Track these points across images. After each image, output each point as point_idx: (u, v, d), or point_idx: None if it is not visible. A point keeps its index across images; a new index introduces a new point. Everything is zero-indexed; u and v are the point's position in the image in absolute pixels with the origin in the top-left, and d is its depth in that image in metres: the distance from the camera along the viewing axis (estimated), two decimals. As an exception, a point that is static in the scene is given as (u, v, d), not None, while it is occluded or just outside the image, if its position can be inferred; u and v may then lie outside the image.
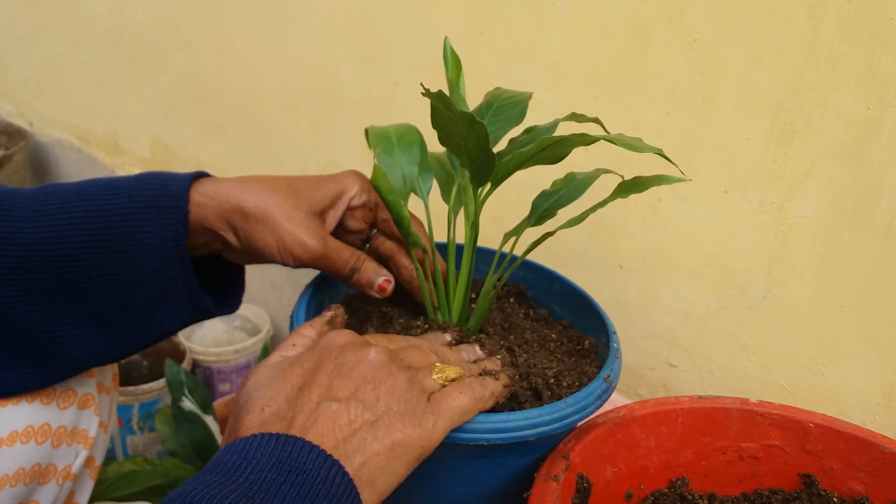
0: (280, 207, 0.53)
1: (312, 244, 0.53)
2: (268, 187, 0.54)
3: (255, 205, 0.52)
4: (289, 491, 0.37)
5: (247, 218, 0.52)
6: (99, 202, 0.51)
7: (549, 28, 0.78)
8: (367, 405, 0.43)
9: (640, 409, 0.56)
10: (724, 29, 0.67)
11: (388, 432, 0.42)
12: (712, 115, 0.69)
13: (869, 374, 0.66)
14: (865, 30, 0.59)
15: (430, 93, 0.45)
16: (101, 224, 0.50)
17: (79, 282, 0.50)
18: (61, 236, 0.50)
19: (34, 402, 0.54)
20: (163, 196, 0.51)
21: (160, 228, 0.50)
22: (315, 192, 0.55)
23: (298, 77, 1.06)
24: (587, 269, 0.82)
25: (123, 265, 0.51)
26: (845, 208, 0.64)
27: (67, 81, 1.47)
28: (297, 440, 0.39)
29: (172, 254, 0.51)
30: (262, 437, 0.39)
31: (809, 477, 0.57)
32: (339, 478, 0.39)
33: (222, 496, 0.35)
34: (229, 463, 0.38)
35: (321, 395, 0.43)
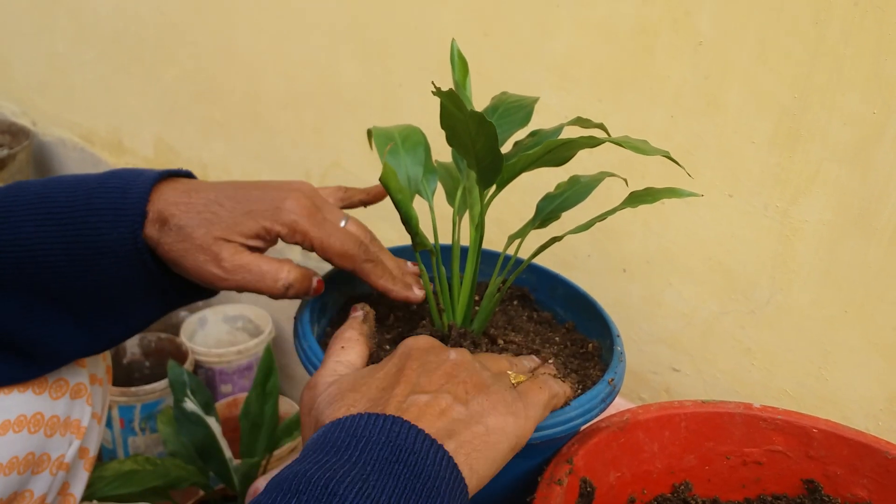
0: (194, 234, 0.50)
1: (215, 272, 0.50)
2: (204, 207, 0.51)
3: (177, 224, 0.50)
4: (402, 471, 0.37)
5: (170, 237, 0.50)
6: (62, 205, 0.49)
7: (554, 30, 0.78)
8: (457, 397, 0.42)
9: (643, 413, 0.56)
10: (730, 32, 0.66)
11: (482, 419, 0.42)
12: (717, 119, 0.69)
13: (872, 380, 0.66)
14: (871, 33, 0.59)
15: (440, 91, 0.45)
16: (62, 228, 0.49)
17: (47, 283, 0.50)
18: (26, 239, 0.49)
19: (26, 391, 0.54)
20: (123, 199, 0.49)
21: (118, 231, 0.49)
22: (240, 221, 0.51)
23: (302, 77, 1.06)
24: (590, 272, 0.82)
25: (86, 269, 0.50)
26: (850, 213, 0.64)
27: (71, 80, 1.47)
28: (404, 421, 0.39)
29: (133, 257, 0.50)
30: (369, 415, 0.39)
31: (813, 482, 0.56)
32: (444, 460, 0.39)
33: (339, 477, 0.35)
34: (339, 441, 0.38)
35: (409, 391, 0.42)
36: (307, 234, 0.52)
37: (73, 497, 0.61)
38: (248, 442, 1.01)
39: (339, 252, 0.53)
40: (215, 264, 0.50)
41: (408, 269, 0.59)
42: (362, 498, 0.35)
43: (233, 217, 0.51)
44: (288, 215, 0.51)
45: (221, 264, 0.50)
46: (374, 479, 0.36)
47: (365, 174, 1.04)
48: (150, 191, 0.50)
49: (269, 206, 0.52)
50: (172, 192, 0.51)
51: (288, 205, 0.52)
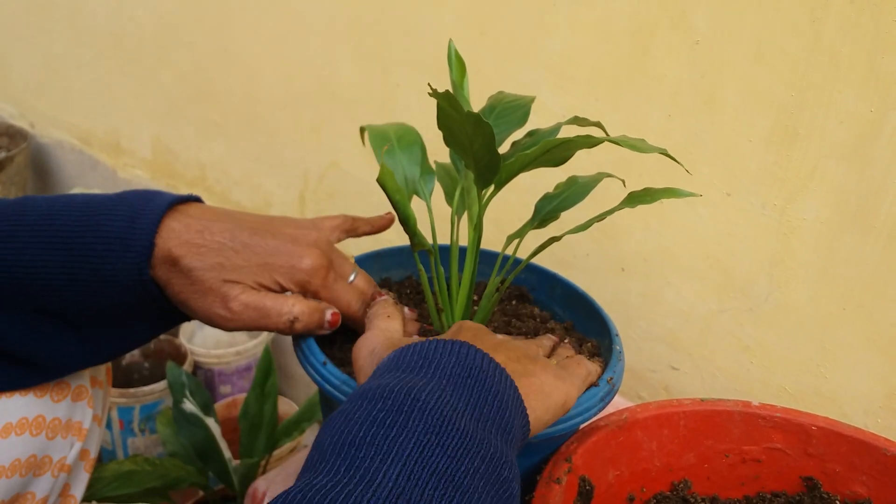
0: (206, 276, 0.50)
1: (223, 314, 0.50)
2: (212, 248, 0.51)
3: (187, 266, 0.50)
4: (474, 385, 0.40)
5: (179, 278, 0.50)
6: (68, 228, 0.49)
7: (551, 29, 0.78)
8: (511, 357, 0.45)
9: (642, 411, 0.56)
10: (726, 30, 0.67)
11: (534, 378, 0.45)
12: (714, 117, 0.69)
13: (871, 377, 0.66)
14: (868, 31, 0.59)
15: (437, 93, 0.45)
16: (67, 252, 0.49)
17: (49, 303, 0.50)
18: (30, 261, 0.48)
19: (28, 394, 0.54)
20: (131, 229, 0.49)
21: (123, 264, 0.48)
22: (253, 272, 0.51)
23: (300, 77, 1.06)
24: (589, 271, 0.82)
25: (89, 293, 0.49)
26: (847, 210, 0.64)
27: (69, 82, 1.47)
28: (472, 346, 0.42)
29: (137, 288, 0.49)
30: (437, 341, 0.42)
31: (812, 480, 0.56)
32: (510, 383, 0.41)
33: (420, 387, 0.38)
34: (412, 362, 0.41)
35: (471, 339, 0.45)
36: (318, 294, 0.54)
37: (74, 498, 0.61)
38: (247, 442, 1.01)
39: (344, 310, 0.55)
40: (222, 306, 0.50)
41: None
42: (441, 404, 0.37)
43: (248, 266, 0.51)
44: (303, 275, 0.52)
45: (228, 305, 0.50)
46: (450, 390, 0.39)
47: (363, 174, 1.04)
48: (158, 222, 0.49)
49: (285, 262, 0.52)
50: (185, 230, 0.50)
51: (304, 264, 0.52)
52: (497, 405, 0.40)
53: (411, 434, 0.36)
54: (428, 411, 0.37)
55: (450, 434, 0.36)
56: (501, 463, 0.37)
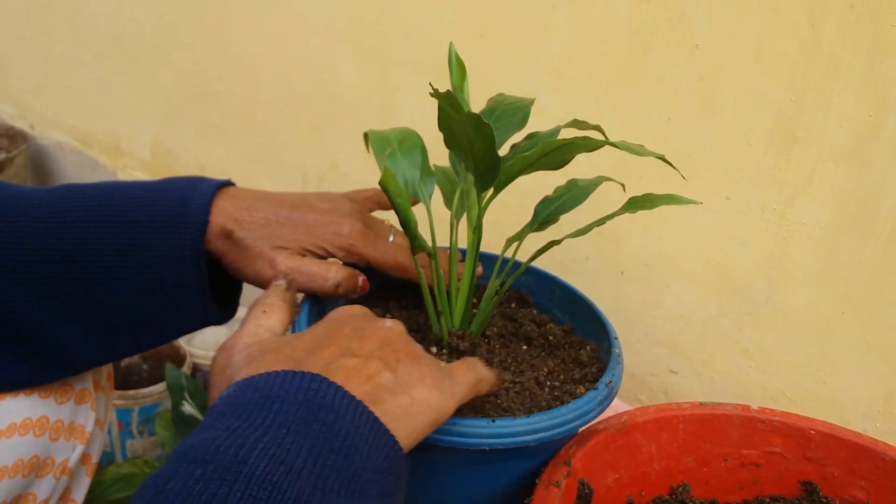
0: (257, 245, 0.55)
1: (271, 275, 0.54)
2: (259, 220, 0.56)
3: (237, 237, 0.55)
4: (320, 430, 0.35)
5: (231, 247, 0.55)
6: (122, 209, 0.52)
7: (550, 31, 0.78)
8: (388, 364, 0.42)
9: (641, 415, 0.56)
10: (726, 33, 0.67)
11: (409, 389, 0.41)
12: (713, 120, 0.69)
13: (870, 381, 0.66)
14: (867, 35, 0.59)
15: (438, 93, 0.45)
16: (122, 230, 0.51)
17: (94, 285, 0.51)
18: (82, 239, 0.51)
19: (32, 395, 0.54)
20: (184, 207, 0.53)
21: (180, 239, 0.52)
22: (298, 238, 0.56)
23: (299, 78, 1.06)
24: (588, 274, 0.82)
25: (140, 272, 0.52)
26: (847, 214, 0.64)
27: (68, 83, 1.47)
28: (322, 378, 0.37)
29: (189, 263, 0.53)
30: (285, 373, 0.37)
31: (811, 484, 0.56)
32: (365, 416, 0.37)
33: (251, 444, 0.33)
34: (251, 402, 0.36)
35: (339, 353, 0.42)
36: (363, 255, 0.58)
37: (75, 502, 0.61)
38: (247, 445, 1.01)
39: (393, 266, 0.59)
40: (270, 268, 0.55)
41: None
42: (275, 465, 0.33)
43: (293, 236, 0.56)
44: (345, 239, 0.57)
45: (276, 267, 0.55)
46: (288, 441, 0.34)
47: (363, 176, 1.04)
48: (210, 202, 0.54)
49: (326, 230, 0.57)
50: (234, 208, 0.55)
51: (345, 230, 0.57)
52: (346, 452, 0.35)
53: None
54: (255, 479, 0.32)
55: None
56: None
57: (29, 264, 0.50)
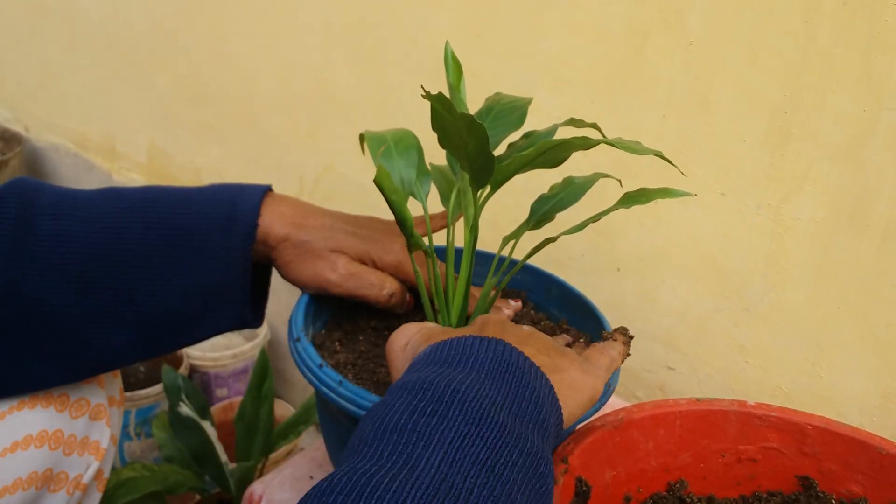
0: (313, 247, 0.57)
1: (331, 277, 0.57)
2: (315, 226, 0.58)
3: (298, 239, 0.57)
4: (511, 380, 0.40)
5: (289, 248, 0.57)
6: (172, 210, 0.54)
7: (546, 31, 0.78)
8: (541, 350, 0.46)
9: (638, 411, 0.56)
10: (720, 32, 0.67)
11: (564, 374, 0.45)
12: (709, 118, 0.69)
13: (866, 377, 0.67)
14: (861, 32, 0.60)
15: (430, 95, 0.45)
16: (172, 231, 0.53)
17: (137, 285, 0.52)
18: (131, 240, 0.52)
19: (49, 407, 0.54)
20: (233, 211, 0.54)
21: (229, 240, 0.54)
22: (352, 244, 0.59)
23: (296, 80, 1.06)
24: (585, 271, 0.82)
25: (185, 273, 0.53)
26: (842, 211, 0.64)
27: (64, 86, 1.47)
28: (507, 344, 0.42)
29: (237, 266, 0.54)
30: (474, 338, 0.42)
31: (808, 479, 0.57)
32: (544, 380, 0.42)
33: (459, 380, 0.39)
34: (449, 357, 0.41)
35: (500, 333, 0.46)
36: (409, 276, 0.60)
37: None
38: (244, 446, 1.01)
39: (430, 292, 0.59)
40: (331, 270, 0.57)
41: None
42: (481, 397, 0.38)
43: (352, 244, 0.58)
44: (395, 256, 0.59)
45: (337, 270, 0.57)
46: (488, 384, 0.39)
47: (360, 178, 1.04)
48: (259, 205, 0.56)
49: (380, 245, 0.60)
50: (292, 214, 0.58)
51: (397, 248, 0.60)
52: (534, 401, 0.40)
53: (452, 423, 0.36)
54: (467, 403, 0.37)
55: (489, 426, 0.37)
56: (538, 458, 0.38)
57: (75, 263, 0.51)
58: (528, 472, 0.37)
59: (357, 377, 0.55)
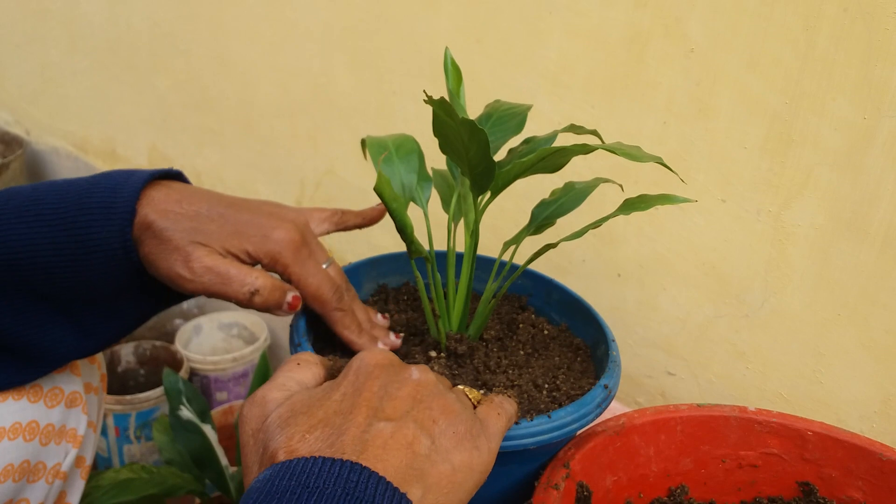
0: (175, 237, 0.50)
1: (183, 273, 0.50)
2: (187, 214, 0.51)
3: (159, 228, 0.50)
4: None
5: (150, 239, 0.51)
6: (54, 204, 0.50)
7: (546, 37, 0.78)
8: (423, 426, 0.39)
9: (639, 417, 0.56)
10: (720, 38, 0.67)
11: (449, 456, 0.39)
12: (709, 124, 0.70)
13: (866, 383, 0.67)
14: (861, 39, 0.60)
15: (432, 100, 0.45)
16: (52, 227, 0.50)
17: (39, 282, 0.50)
18: (17, 239, 0.49)
19: (21, 399, 0.54)
20: (113, 198, 0.50)
21: (107, 230, 0.49)
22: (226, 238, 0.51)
23: (296, 85, 1.06)
24: (585, 277, 0.82)
25: (76, 267, 0.50)
26: (842, 217, 0.64)
27: (64, 89, 1.47)
28: (362, 468, 0.35)
29: (121, 256, 0.50)
30: (322, 460, 0.35)
31: (808, 485, 0.57)
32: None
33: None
34: (288, 490, 0.34)
35: (370, 416, 0.39)
36: (287, 268, 0.52)
37: None
38: (244, 450, 1.01)
39: (313, 293, 0.53)
40: (184, 265, 0.50)
41: (377, 322, 0.59)
42: None
43: (219, 233, 0.51)
44: (274, 245, 0.52)
45: (190, 265, 0.50)
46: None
47: (360, 182, 1.04)
48: (139, 192, 0.50)
49: (257, 231, 0.52)
50: (165, 199, 0.51)
51: (276, 235, 0.52)
52: None
53: None
54: None
55: None
56: None
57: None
58: None
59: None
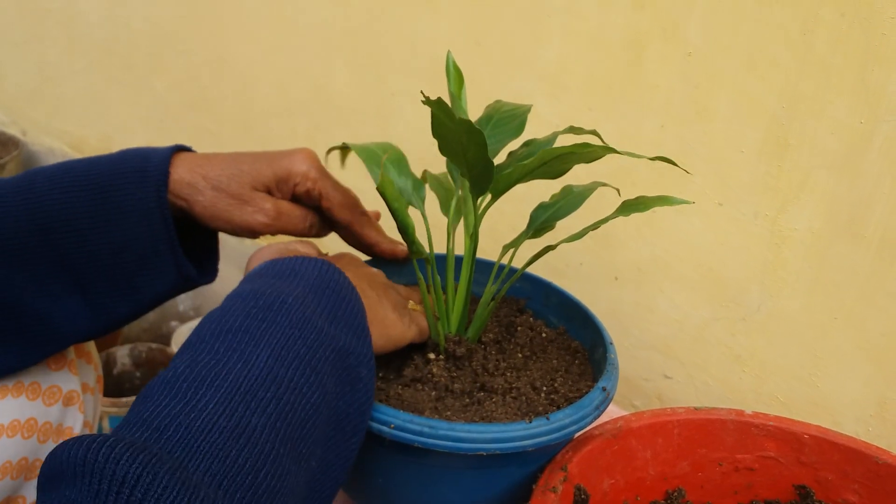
0: (229, 189, 0.57)
1: (264, 220, 0.57)
2: (226, 165, 0.57)
3: (210, 181, 0.56)
4: (331, 295, 0.48)
5: (205, 191, 0.57)
6: (85, 172, 0.54)
7: (546, 39, 0.78)
8: (372, 285, 0.54)
9: (636, 420, 0.56)
10: (719, 42, 0.67)
11: (384, 310, 0.53)
12: (707, 127, 0.70)
13: (862, 385, 0.67)
14: (858, 44, 0.60)
15: (430, 101, 0.45)
16: (87, 191, 0.53)
17: (66, 249, 0.52)
18: (50, 205, 0.52)
19: (20, 396, 0.54)
20: (145, 163, 0.55)
21: (143, 191, 0.54)
22: (261, 170, 0.58)
23: (295, 86, 1.06)
24: (583, 279, 0.83)
25: (109, 229, 0.53)
26: (838, 220, 0.65)
27: (61, 89, 1.47)
28: (332, 266, 0.50)
29: (156, 214, 0.54)
30: (307, 258, 0.50)
31: (805, 488, 0.57)
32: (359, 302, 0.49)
33: (286, 293, 0.46)
34: (281, 270, 0.49)
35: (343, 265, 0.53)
36: (316, 182, 0.59)
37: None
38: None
39: (341, 202, 0.60)
40: (262, 213, 0.57)
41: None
42: (303, 306, 0.45)
43: (254, 168, 0.58)
44: (301, 165, 0.59)
45: (267, 213, 0.57)
46: (311, 297, 0.47)
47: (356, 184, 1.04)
48: (170, 157, 0.56)
49: (283, 158, 0.59)
50: (191, 159, 0.57)
51: (299, 157, 0.59)
52: (351, 314, 0.48)
53: (279, 327, 0.44)
54: (293, 311, 0.45)
55: (308, 329, 0.44)
56: (347, 353, 0.46)
57: (5, 238, 0.51)
58: (338, 363, 0.45)
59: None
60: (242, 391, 0.39)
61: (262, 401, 0.40)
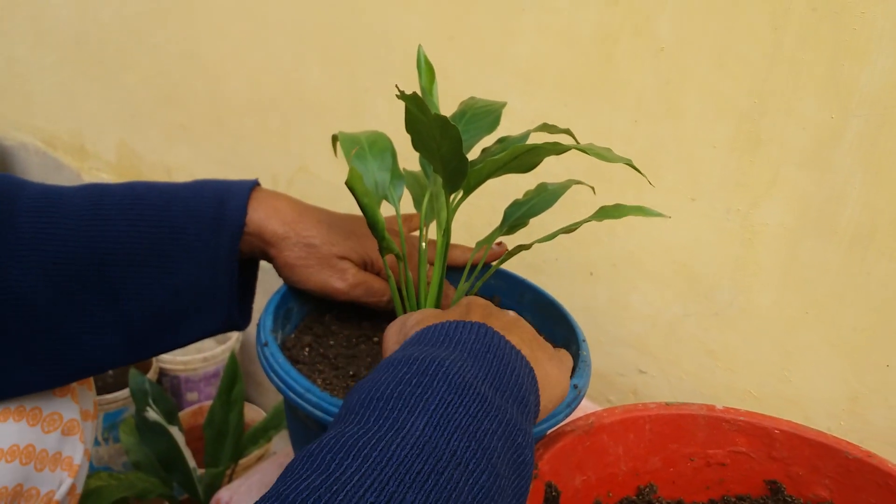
0: (320, 251, 0.58)
1: (340, 287, 0.58)
2: (321, 228, 0.58)
3: (302, 241, 0.57)
4: (493, 360, 0.42)
5: (296, 247, 0.57)
6: (156, 207, 0.53)
7: (518, 35, 0.78)
8: (524, 339, 0.46)
9: (608, 416, 0.56)
10: (689, 38, 0.67)
11: (542, 364, 0.45)
12: (678, 123, 0.70)
13: (834, 380, 0.67)
14: (829, 39, 0.60)
15: (404, 95, 0.44)
16: (156, 229, 0.52)
17: (122, 283, 0.52)
18: (115, 236, 0.51)
19: (21, 421, 0.53)
20: (221, 209, 0.54)
21: (217, 240, 0.53)
22: (354, 248, 0.59)
23: (266, 81, 1.05)
24: (558, 275, 0.82)
25: (172, 271, 0.52)
26: (809, 216, 0.65)
27: (31, 85, 1.44)
28: (490, 328, 0.44)
29: (224, 263, 0.54)
30: (458, 322, 0.44)
31: (775, 483, 0.57)
32: (525, 362, 0.43)
33: (442, 357, 0.40)
34: (435, 338, 0.43)
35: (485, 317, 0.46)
36: (394, 270, 0.60)
37: None
38: (213, 451, 1.00)
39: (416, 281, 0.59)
40: (341, 280, 0.58)
41: None
42: (463, 371, 0.39)
43: (350, 245, 0.59)
44: (377, 255, 0.60)
45: (347, 280, 0.58)
46: (470, 362, 0.41)
47: (333, 179, 1.03)
48: (247, 202, 0.55)
49: (371, 245, 0.60)
50: (284, 207, 0.57)
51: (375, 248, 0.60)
52: (514, 379, 0.41)
53: (436, 393, 0.38)
54: (451, 376, 0.39)
55: (471, 396, 0.38)
56: (517, 429, 0.39)
57: (59, 261, 0.50)
58: (507, 441, 0.38)
59: (326, 383, 0.54)
60: (395, 463, 0.34)
61: (418, 474, 0.34)
